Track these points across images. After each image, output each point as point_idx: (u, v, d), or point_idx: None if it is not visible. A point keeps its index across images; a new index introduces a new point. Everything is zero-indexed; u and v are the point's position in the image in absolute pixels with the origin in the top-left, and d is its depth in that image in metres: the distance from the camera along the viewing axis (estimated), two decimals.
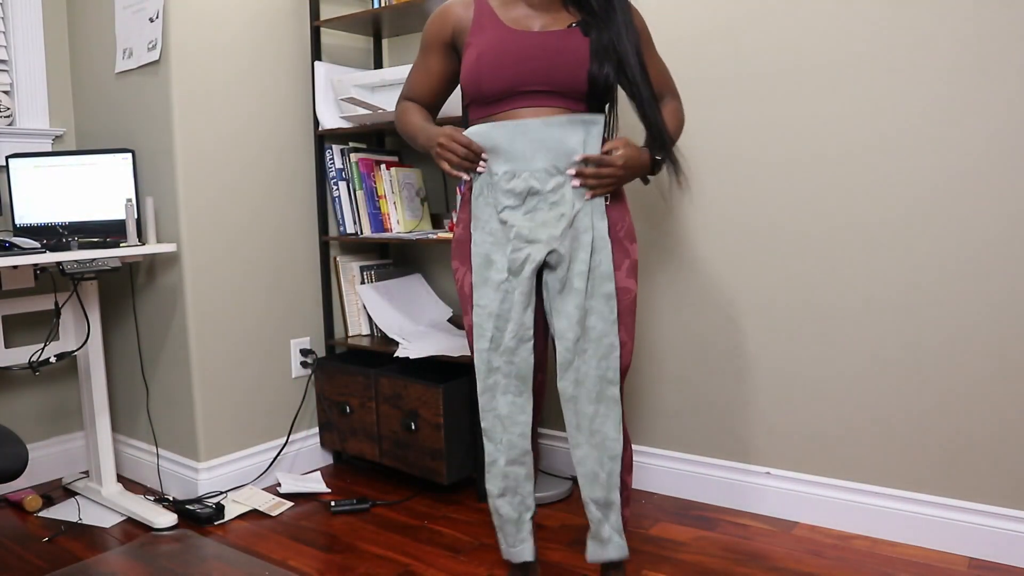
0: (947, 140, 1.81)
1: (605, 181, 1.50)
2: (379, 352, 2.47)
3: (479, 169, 1.53)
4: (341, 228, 2.53)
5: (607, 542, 1.56)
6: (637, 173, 1.56)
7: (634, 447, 2.34)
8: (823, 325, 2.02)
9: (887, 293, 1.92)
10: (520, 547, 1.62)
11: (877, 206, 1.91)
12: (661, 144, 1.56)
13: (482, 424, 1.58)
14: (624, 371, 1.58)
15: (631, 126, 1.73)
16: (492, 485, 1.59)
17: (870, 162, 1.91)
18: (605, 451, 1.54)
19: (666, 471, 2.30)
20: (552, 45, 1.49)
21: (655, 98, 1.55)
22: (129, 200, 2.12)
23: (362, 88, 2.50)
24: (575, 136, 1.49)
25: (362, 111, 2.42)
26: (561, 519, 2.15)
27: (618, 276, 1.55)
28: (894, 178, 1.88)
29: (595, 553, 1.58)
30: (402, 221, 2.55)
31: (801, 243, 2.03)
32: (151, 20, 2.22)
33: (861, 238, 1.94)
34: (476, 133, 1.53)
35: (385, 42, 2.80)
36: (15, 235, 2.14)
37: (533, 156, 1.50)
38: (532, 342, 1.54)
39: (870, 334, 1.95)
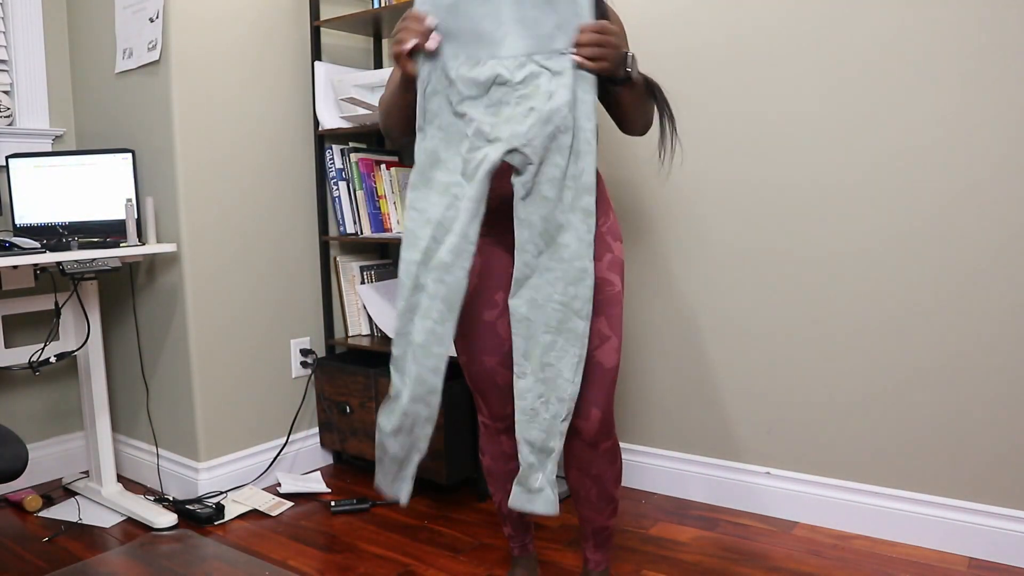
0: (944, 159, 1.81)
1: (608, 51, 1.29)
2: (379, 352, 2.47)
3: (429, 45, 1.29)
4: (341, 228, 2.53)
5: (536, 493, 1.35)
6: (620, 61, 1.34)
7: (634, 447, 2.34)
8: (823, 326, 2.02)
9: (888, 296, 1.92)
10: (399, 484, 1.41)
11: (883, 207, 1.91)
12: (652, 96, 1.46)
13: (392, 351, 1.35)
14: (614, 370, 1.45)
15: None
16: (386, 420, 1.36)
17: (875, 171, 1.92)
18: (554, 390, 1.34)
19: (665, 471, 2.30)
20: None
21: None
22: (129, 200, 2.12)
23: (362, 88, 2.49)
24: (554, 16, 1.28)
25: (362, 111, 2.42)
26: (561, 519, 2.14)
27: (598, 267, 1.42)
28: (899, 182, 1.89)
29: (519, 500, 1.36)
30: (402, 221, 2.54)
31: (801, 244, 2.03)
32: (151, 20, 2.22)
33: (862, 241, 1.94)
34: (434, 3, 1.30)
35: (385, 42, 2.79)
36: (15, 235, 2.14)
37: (502, 39, 1.30)
38: (471, 262, 1.32)
39: (870, 334, 1.95)
